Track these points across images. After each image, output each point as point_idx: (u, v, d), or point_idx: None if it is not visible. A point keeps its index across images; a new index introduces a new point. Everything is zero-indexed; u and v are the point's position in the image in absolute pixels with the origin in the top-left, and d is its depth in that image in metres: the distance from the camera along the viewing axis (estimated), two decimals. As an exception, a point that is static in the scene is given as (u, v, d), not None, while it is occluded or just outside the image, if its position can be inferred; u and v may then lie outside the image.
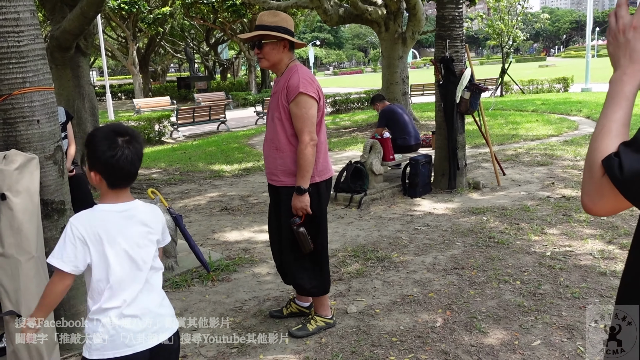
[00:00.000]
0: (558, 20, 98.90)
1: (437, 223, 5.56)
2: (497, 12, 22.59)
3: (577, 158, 8.40)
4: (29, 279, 2.87)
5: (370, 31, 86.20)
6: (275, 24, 3.04)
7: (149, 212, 2.00)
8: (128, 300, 1.86)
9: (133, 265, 1.89)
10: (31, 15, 3.01)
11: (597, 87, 22.87)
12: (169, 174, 9.27)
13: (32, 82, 3.01)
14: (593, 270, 4.12)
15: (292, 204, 3.10)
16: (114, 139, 1.84)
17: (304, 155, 3.03)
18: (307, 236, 3.14)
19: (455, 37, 6.67)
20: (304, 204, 3.08)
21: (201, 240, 5.42)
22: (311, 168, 3.07)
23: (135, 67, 28.34)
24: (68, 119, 4.44)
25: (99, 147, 1.84)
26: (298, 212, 3.10)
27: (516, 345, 3.13)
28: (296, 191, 3.07)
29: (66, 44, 7.71)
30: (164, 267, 4.45)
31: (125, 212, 1.91)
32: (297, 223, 3.12)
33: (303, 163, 3.04)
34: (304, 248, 3.18)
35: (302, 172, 3.05)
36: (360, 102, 21.33)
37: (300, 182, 3.06)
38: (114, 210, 1.89)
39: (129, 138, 1.86)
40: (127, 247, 1.88)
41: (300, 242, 3.16)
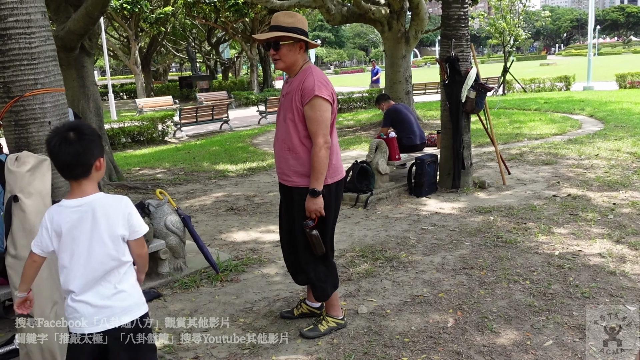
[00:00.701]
0: (559, 18, 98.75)
1: (444, 223, 5.55)
2: (499, 10, 22.56)
3: (581, 157, 8.39)
4: (41, 280, 2.87)
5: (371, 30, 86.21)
6: (292, 25, 3.03)
7: (108, 206, 2.10)
8: (77, 288, 2.08)
9: (84, 258, 2.07)
10: (42, 17, 3.01)
11: (599, 85, 22.85)
12: (173, 174, 9.27)
13: (44, 83, 3.02)
14: (602, 270, 4.12)
15: (306, 207, 3.09)
16: (58, 131, 2.05)
17: (319, 157, 3.03)
18: (320, 239, 3.14)
19: (461, 37, 6.67)
20: (317, 207, 3.08)
21: (208, 241, 5.42)
22: (325, 170, 3.07)
23: (137, 66, 28.33)
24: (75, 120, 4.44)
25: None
26: (311, 214, 3.10)
27: (528, 345, 3.13)
28: (310, 194, 3.07)
29: (71, 44, 7.72)
30: (174, 267, 4.47)
31: (78, 208, 2.06)
32: (310, 226, 3.11)
33: (317, 165, 3.04)
34: (316, 251, 3.18)
35: (316, 174, 3.05)
36: (362, 101, 21.31)
37: (314, 185, 3.06)
38: (68, 206, 2.07)
39: (73, 133, 2.03)
40: (80, 241, 2.06)
41: (312, 245, 3.16)
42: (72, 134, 2.03)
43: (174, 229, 4.44)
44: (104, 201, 2.09)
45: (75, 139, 2.02)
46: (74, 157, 2.02)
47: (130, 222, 2.13)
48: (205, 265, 4.57)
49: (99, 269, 2.09)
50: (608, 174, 7.11)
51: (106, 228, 2.07)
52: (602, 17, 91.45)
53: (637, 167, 7.44)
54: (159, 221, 4.43)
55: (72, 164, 2.03)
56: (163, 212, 4.49)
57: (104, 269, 2.09)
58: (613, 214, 5.44)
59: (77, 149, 2.02)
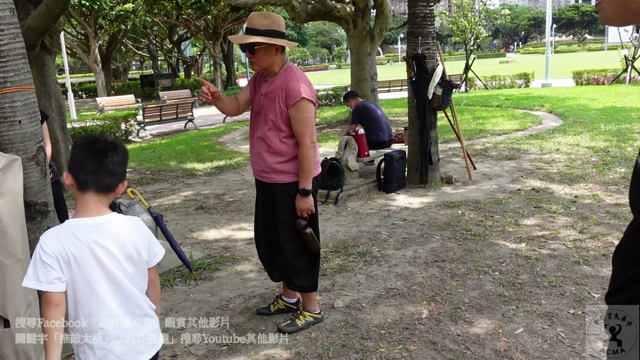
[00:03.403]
0: (517, 17, 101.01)
1: (414, 217, 5.65)
2: (460, 9, 22.97)
3: (543, 152, 8.64)
4: (16, 282, 2.82)
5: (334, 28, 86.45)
6: (267, 28, 3.01)
7: (132, 228, 1.88)
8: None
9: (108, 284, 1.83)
10: (11, 14, 2.94)
11: (557, 82, 23.53)
12: (140, 174, 9.14)
13: (13, 81, 2.95)
14: (567, 260, 4.28)
15: (297, 206, 3.14)
16: (101, 137, 1.85)
17: (307, 157, 3.07)
18: (314, 236, 3.21)
19: (427, 35, 6.78)
20: (309, 205, 3.14)
21: (180, 240, 5.38)
22: (313, 169, 3.12)
23: (97, 64, 27.71)
24: (43, 118, 4.34)
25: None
26: (303, 213, 3.15)
27: (500, 333, 3.23)
28: (301, 193, 3.12)
29: (31, 41, 7.49)
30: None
31: (98, 228, 1.81)
32: (302, 225, 3.16)
33: (306, 165, 3.08)
34: (313, 247, 3.24)
35: (306, 174, 3.10)
36: (328, 99, 21.39)
37: (304, 184, 3.11)
38: (86, 225, 1.80)
39: (117, 143, 1.87)
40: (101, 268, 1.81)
41: (308, 243, 3.22)
42: (117, 143, 1.85)
43: (146, 228, 4.39)
44: (122, 222, 1.87)
45: (120, 148, 1.86)
46: (116, 166, 1.82)
47: (151, 245, 1.94)
48: (179, 264, 4.54)
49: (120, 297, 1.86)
50: (569, 168, 7.36)
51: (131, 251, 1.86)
52: (558, 16, 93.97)
53: (595, 160, 7.72)
54: (131, 221, 4.37)
55: (111, 172, 1.81)
56: (135, 211, 4.44)
57: (126, 297, 1.87)
58: (575, 206, 5.64)
59: (121, 157, 1.85)
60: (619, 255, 1.17)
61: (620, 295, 1.14)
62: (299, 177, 3.14)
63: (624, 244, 1.14)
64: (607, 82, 21.02)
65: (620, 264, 1.17)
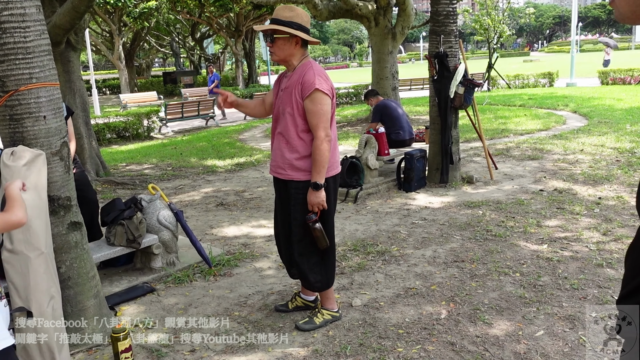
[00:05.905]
0: (541, 15, 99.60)
1: (434, 217, 5.62)
2: (484, 7, 22.73)
3: (566, 152, 8.51)
4: (39, 275, 2.87)
5: (355, 26, 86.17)
6: (289, 19, 3.04)
7: None
8: None
9: None
10: (37, 11, 2.99)
11: (582, 82, 23.15)
12: (161, 170, 9.23)
13: (39, 77, 2.99)
14: (590, 262, 4.21)
15: (308, 200, 3.12)
16: None
17: (320, 151, 3.05)
18: (323, 232, 3.17)
19: (449, 33, 6.73)
20: (320, 200, 3.11)
21: (200, 236, 5.42)
22: (326, 164, 3.09)
23: (121, 61, 28.04)
24: (69, 114, 4.40)
25: None
26: (314, 207, 3.12)
27: (520, 335, 3.19)
28: (312, 187, 3.09)
29: (57, 38, 7.62)
30: (166, 262, 4.47)
31: None
32: (313, 219, 3.14)
33: (319, 158, 3.06)
34: (321, 244, 3.20)
35: (318, 167, 3.07)
36: (348, 97, 21.35)
37: (316, 178, 3.09)
38: None
39: None
40: None
41: (316, 238, 3.18)
42: None
43: (166, 223, 4.44)
44: None
45: None
46: None
47: None
48: (198, 259, 4.58)
49: None
50: (593, 169, 7.24)
51: None
52: (584, 14, 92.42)
53: (621, 161, 7.58)
54: (152, 216, 4.43)
55: None
56: (155, 207, 4.49)
57: None
58: (599, 208, 5.54)
59: None
60: (630, 259, 1.16)
61: (632, 300, 1.14)
62: (311, 171, 3.13)
63: (634, 249, 1.13)
64: (634, 82, 20.62)
65: (630, 269, 1.16)
